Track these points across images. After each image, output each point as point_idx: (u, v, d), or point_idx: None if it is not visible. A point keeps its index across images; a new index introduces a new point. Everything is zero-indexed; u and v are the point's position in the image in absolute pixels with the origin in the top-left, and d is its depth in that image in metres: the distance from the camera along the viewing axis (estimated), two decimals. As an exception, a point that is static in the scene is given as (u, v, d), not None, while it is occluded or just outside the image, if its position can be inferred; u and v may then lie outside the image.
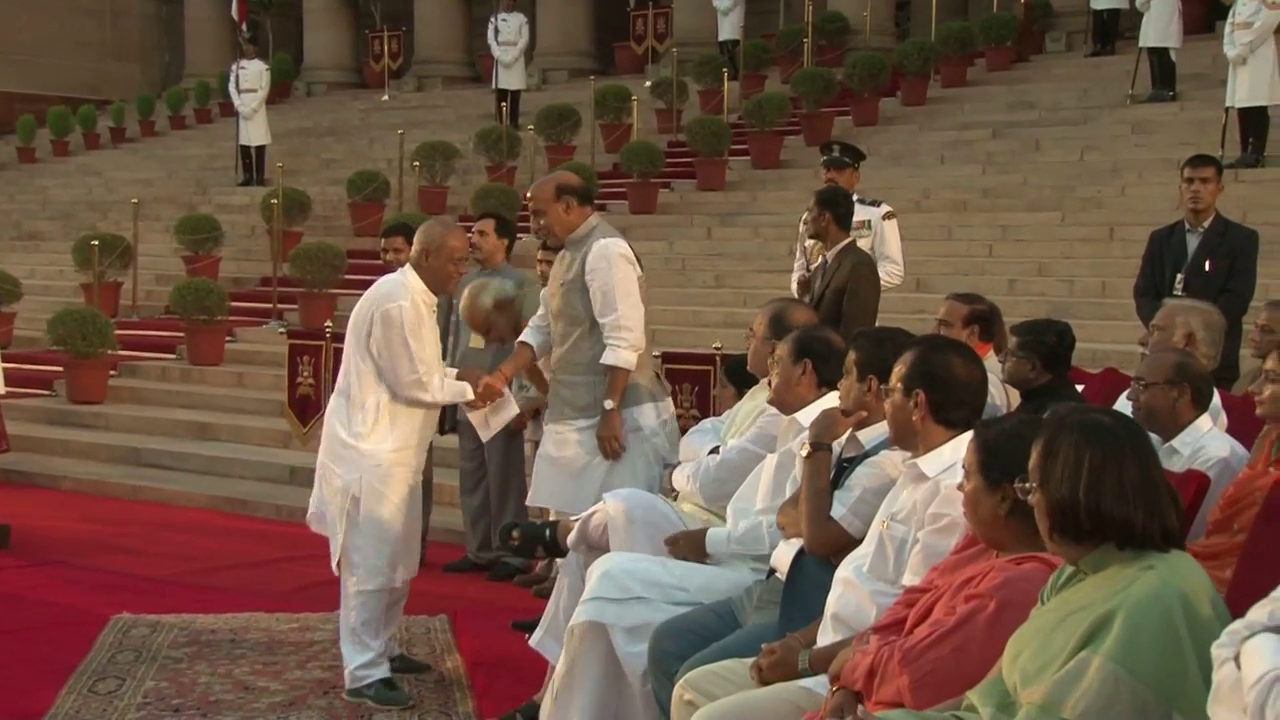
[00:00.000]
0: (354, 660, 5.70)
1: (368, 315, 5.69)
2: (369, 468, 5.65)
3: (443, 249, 5.74)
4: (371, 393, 5.67)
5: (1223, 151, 11.99)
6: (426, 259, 5.75)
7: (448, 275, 5.80)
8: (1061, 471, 2.80)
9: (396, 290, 5.69)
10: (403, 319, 5.60)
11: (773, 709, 3.56)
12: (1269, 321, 5.95)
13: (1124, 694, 2.59)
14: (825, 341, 4.76)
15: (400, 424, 5.72)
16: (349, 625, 5.72)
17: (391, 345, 5.61)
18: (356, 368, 5.71)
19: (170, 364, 13.68)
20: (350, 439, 5.68)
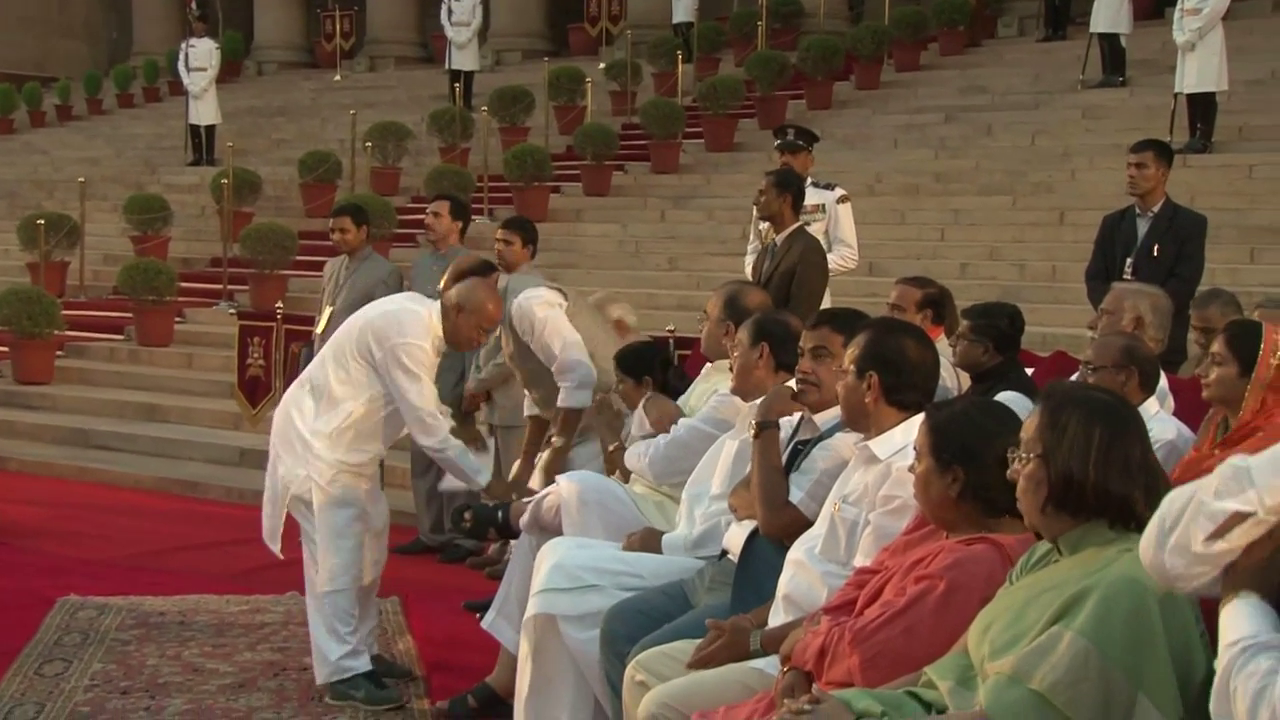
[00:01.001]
0: (334, 653, 5.51)
1: (376, 340, 5.43)
2: (319, 470, 5.47)
3: (476, 313, 5.53)
4: (350, 399, 5.47)
5: (1171, 137, 12.07)
6: (459, 314, 5.51)
7: (470, 339, 5.64)
8: (1070, 445, 2.80)
9: (417, 327, 5.46)
10: (420, 359, 5.41)
11: (724, 689, 3.57)
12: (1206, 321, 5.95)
13: (1092, 670, 2.61)
14: (784, 325, 4.76)
15: (364, 442, 5.54)
16: (324, 622, 5.54)
17: (401, 384, 5.40)
18: (344, 369, 5.47)
19: (118, 345, 13.57)
20: (307, 432, 5.49)
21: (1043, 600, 2.76)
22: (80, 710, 5.41)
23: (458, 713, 5.34)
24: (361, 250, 8.19)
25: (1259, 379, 4.30)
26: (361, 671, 5.51)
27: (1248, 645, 2.19)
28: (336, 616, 5.52)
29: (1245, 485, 2.26)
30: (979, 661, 2.83)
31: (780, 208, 7.45)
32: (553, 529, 5.13)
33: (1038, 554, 2.95)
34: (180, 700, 5.54)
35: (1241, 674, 2.16)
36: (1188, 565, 2.35)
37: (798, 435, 4.31)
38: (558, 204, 15.41)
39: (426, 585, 7.25)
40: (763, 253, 7.71)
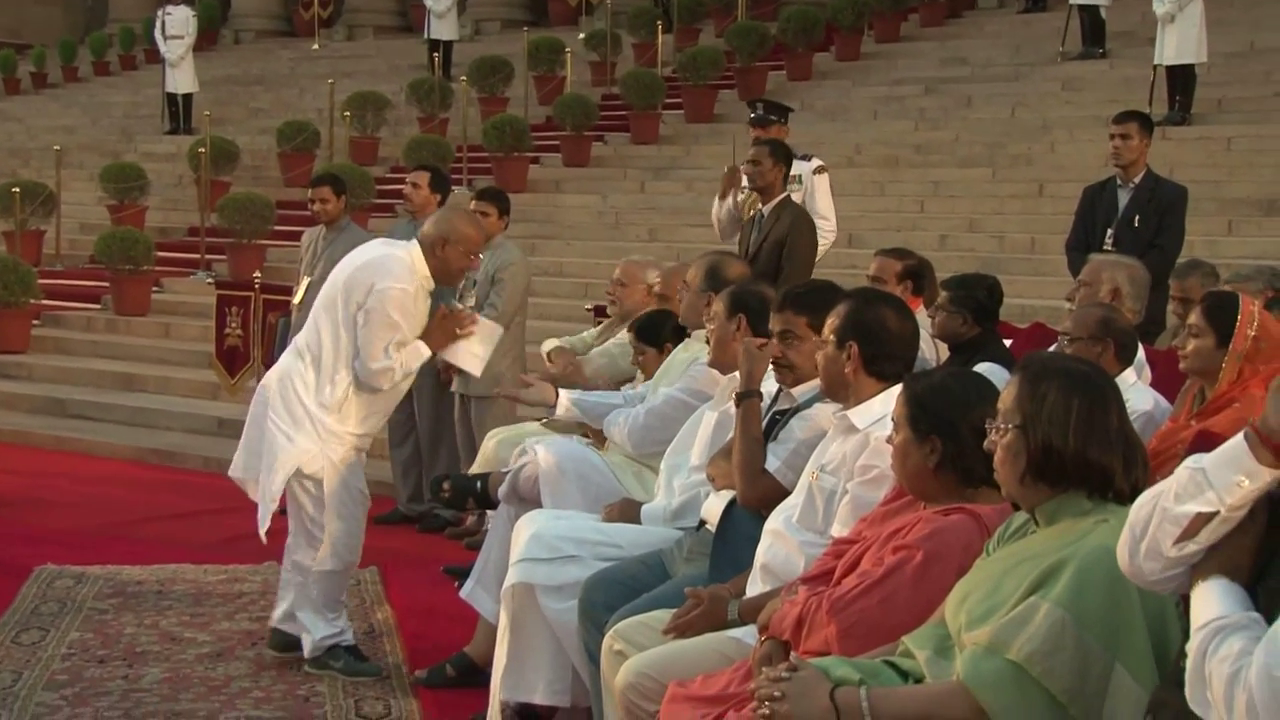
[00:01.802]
0: (317, 631, 5.42)
1: (363, 285, 5.23)
2: (333, 445, 5.32)
3: (461, 241, 5.34)
4: (345, 367, 5.29)
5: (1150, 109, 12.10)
6: (443, 248, 5.30)
7: (460, 269, 5.46)
8: (1049, 415, 2.79)
9: (401, 270, 5.25)
10: (402, 303, 5.21)
11: (702, 659, 3.57)
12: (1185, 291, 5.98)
13: (1069, 640, 2.61)
14: (760, 297, 4.75)
15: (374, 406, 5.41)
16: (311, 600, 5.41)
17: (374, 323, 5.20)
18: (332, 335, 5.28)
19: (95, 314, 13.50)
20: (314, 407, 5.29)
21: (1020, 571, 2.76)
22: (57, 679, 5.40)
23: (436, 682, 5.34)
24: (340, 220, 8.17)
25: (1235, 350, 4.31)
26: (343, 644, 5.46)
27: (1220, 626, 2.20)
28: (325, 600, 5.44)
29: (1204, 487, 2.29)
30: (956, 632, 2.83)
31: (775, 178, 7.45)
32: (531, 499, 5.14)
33: (1015, 524, 2.96)
34: (158, 669, 5.53)
35: (1215, 657, 2.17)
36: (1163, 569, 2.37)
37: (776, 405, 4.31)
38: (537, 175, 15.37)
39: (405, 555, 7.25)
40: (748, 223, 7.69)
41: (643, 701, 3.55)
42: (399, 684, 5.43)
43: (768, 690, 2.83)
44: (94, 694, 5.25)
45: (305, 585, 5.43)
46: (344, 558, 5.45)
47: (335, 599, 5.50)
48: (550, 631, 4.50)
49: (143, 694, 5.26)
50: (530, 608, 4.52)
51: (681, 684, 3.35)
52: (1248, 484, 2.27)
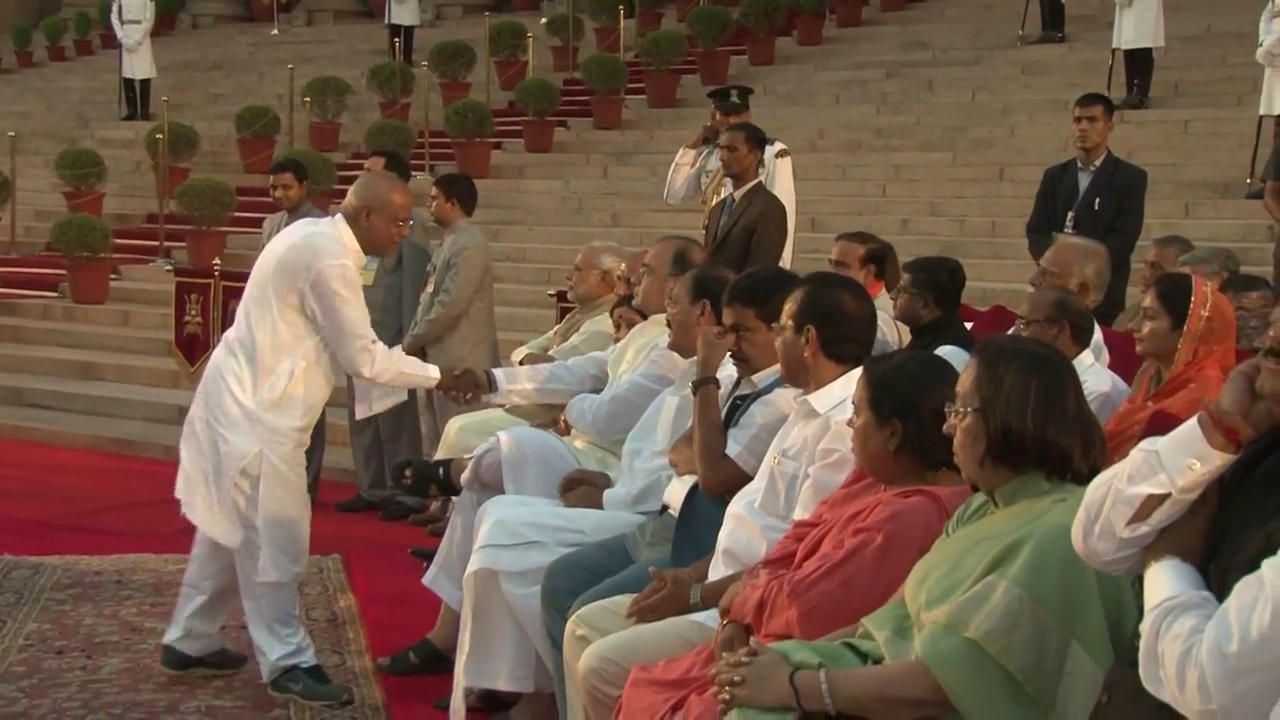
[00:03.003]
0: (273, 652, 5.08)
1: (298, 272, 4.92)
2: (273, 443, 4.96)
3: (386, 208, 5.04)
4: (287, 356, 4.94)
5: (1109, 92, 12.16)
6: (367, 218, 5.01)
7: (389, 237, 5.13)
8: (1008, 398, 2.81)
9: (332, 246, 4.95)
10: (345, 278, 4.92)
11: (664, 643, 3.58)
12: (1158, 259, 6.08)
13: (1026, 618, 2.64)
14: (723, 282, 4.76)
15: (313, 395, 5.05)
16: (261, 618, 5.08)
17: (333, 309, 4.90)
18: (269, 326, 4.94)
19: (53, 302, 13.39)
20: (254, 406, 4.93)
21: (978, 551, 2.78)
22: (15, 670, 5.36)
23: (400, 669, 5.34)
24: (302, 207, 8.12)
25: (1190, 331, 4.35)
26: (303, 665, 5.12)
27: (1172, 606, 2.23)
28: (277, 615, 5.08)
29: (1156, 469, 2.31)
30: (915, 612, 2.85)
31: (750, 163, 7.46)
32: (494, 485, 5.13)
33: (974, 506, 2.97)
34: (117, 659, 5.51)
35: (1167, 636, 2.19)
36: (1116, 549, 2.39)
37: (737, 391, 4.32)
38: (500, 160, 15.33)
39: (368, 542, 7.23)
40: (718, 207, 7.70)
41: (605, 686, 3.56)
42: (362, 671, 5.42)
43: (728, 674, 2.85)
44: (52, 685, 5.22)
45: (253, 601, 5.07)
46: (288, 568, 5.07)
47: (287, 613, 5.11)
48: (513, 618, 4.50)
49: (102, 685, 5.24)
50: (493, 594, 4.52)
51: (644, 668, 3.36)
52: (1199, 467, 2.29)
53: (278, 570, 5.02)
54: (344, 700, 5.05)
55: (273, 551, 5.00)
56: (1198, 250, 6.16)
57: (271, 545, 5.00)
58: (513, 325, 9.57)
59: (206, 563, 5.23)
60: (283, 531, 5.02)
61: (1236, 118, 11.97)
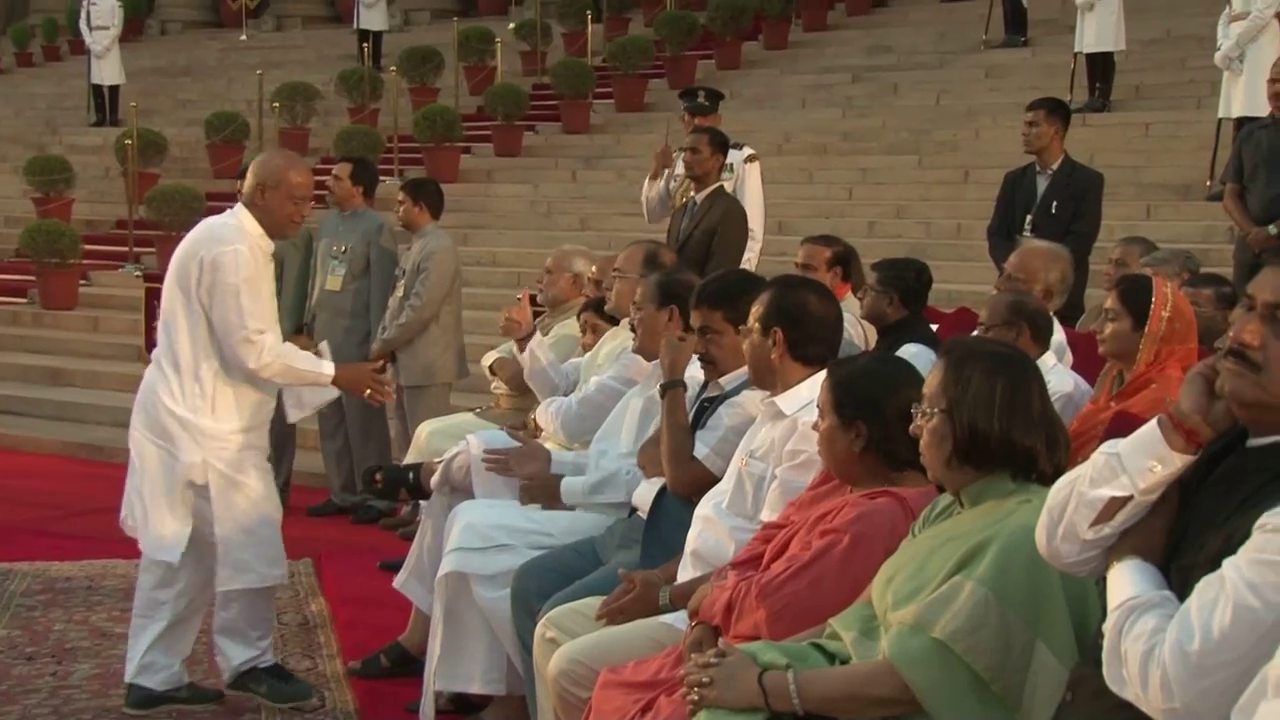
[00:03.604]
0: (236, 657, 4.95)
1: (194, 262, 4.72)
2: (215, 449, 4.75)
3: (281, 185, 4.80)
4: (205, 359, 4.73)
5: (1071, 96, 12.22)
6: (263, 196, 4.78)
7: (287, 217, 4.85)
8: (975, 399, 2.82)
9: (228, 233, 4.74)
10: (237, 264, 4.66)
11: (633, 644, 3.58)
12: (1123, 256, 6.11)
13: (992, 618, 2.64)
14: (689, 286, 4.76)
15: (247, 394, 4.80)
16: (229, 621, 4.91)
17: (219, 295, 4.66)
18: (187, 328, 4.73)
19: (21, 308, 13.31)
20: (185, 412, 4.72)
21: (944, 551, 2.79)
22: (-15, 677, 5.33)
23: (370, 672, 5.32)
24: None
25: (1151, 332, 4.37)
26: (261, 665, 4.98)
27: (1134, 606, 2.23)
28: (250, 620, 4.89)
29: (1118, 472, 2.33)
30: (882, 612, 2.85)
31: (713, 166, 7.49)
32: (463, 489, 5.12)
33: (940, 506, 2.98)
34: (88, 665, 5.47)
35: (1129, 635, 2.20)
36: (1080, 551, 2.41)
37: (704, 393, 4.32)
38: (469, 165, 15.30)
39: (339, 546, 7.21)
40: (679, 210, 7.71)
41: (575, 688, 3.56)
42: (334, 675, 5.40)
43: (697, 676, 2.85)
44: (22, 691, 5.18)
45: (225, 610, 4.89)
46: (261, 572, 4.85)
47: (263, 618, 4.94)
48: (484, 621, 4.49)
49: (72, 691, 5.20)
50: (464, 597, 4.51)
51: (613, 670, 3.36)
52: (1160, 469, 2.30)
53: (250, 576, 4.83)
54: (314, 705, 4.93)
55: (240, 558, 4.80)
56: (1159, 252, 6.20)
57: (239, 552, 4.80)
58: (481, 328, 9.55)
59: (159, 588, 4.95)
60: (247, 538, 4.80)
61: (1196, 120, 12.05)
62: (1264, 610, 2.06)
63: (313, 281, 7.82)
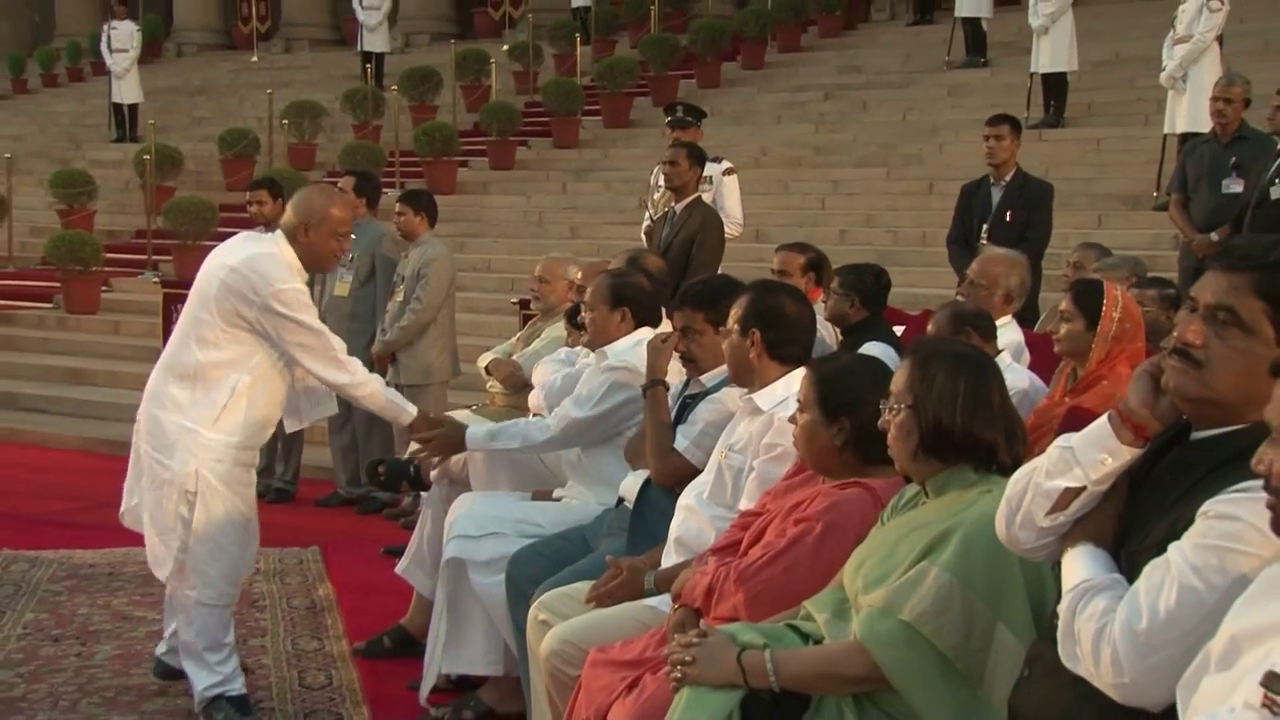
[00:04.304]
0: (200, 682, 4.57)
1: (240, 298, 4.41)
2: (209, 461, 4.45)
3: (325, 222, 4.53)
4: (231, 371, 4.45)
5: (1028, 113, 12.27)
6: (306, 234, 4.52)
7: (330, 253, 4.61)
8: (939, 395, 2.82)
9: (281, 272, 4.44)
10: (297, 299, 4.43)
11: (620, 626, 3.58)
12: (1080, 260, 6.13)
13: (956, 601, 2.65)
14: (639, 289, 4.78)
15: (256, 413, 4.52)
16: (189, 644, 4.56)
17: (291, 332, 4.42)
18: (215, 344, 4.45)
19: (47, 312, 13.24)
20: (189, 423, 4.44)
21: (911, 539, 2.79)
22: (14, 658, 5.30)
23: (374, 653, 5.31)
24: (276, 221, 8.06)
25: (1103, 332, 4.38)
26: (228, 694, 4.59)
27: (1087, 588, 2.24)
28: (207, 642, 4.54)
29: (1072, 464, 2.33)
30: (853, 595, 2.85)
31: (690, 179, 7.51)
32: (461, 480, 5.12)
33: (907, 496, 2.98)
34: (110, 646, 5.45)
35: (1082, 616, 2.20)
36: (1037, 538, 2.41)
37: (687, 391, 4.33)
38: (465, 177, 15.28)
39: (344, 535, 7.19)
40: (660, 220, 7.72)
41: (566, 667, 3.55)
42: (340, 655, 5.39)
43: (680, 655, 2.85)
44: (49, 671, 5.16)
45: (184, 627, 4.58)
46: (221, 589, 4.54)
47: (217, 640, 4.57)
48: (483, 606, 4.48)
49: (96, 670, 5.19)
50: (464, 584, 4.51)
51: (602, 650, 3.35)
52: (1111, 462, 2.31)
53: (210, 590, 4.51)
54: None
55: (205, 571, 4.50)
56: (1110, 258, 6.22)
57: (205, 564, 4.50)
58: (477, 331, 9.54)
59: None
60: (217, 552, 4.50)
61: (1144, 136, 12.07)
62: (1207, 591, 2.06)
63: (319, 289, 7.79)
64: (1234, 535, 2.07)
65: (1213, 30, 10.59)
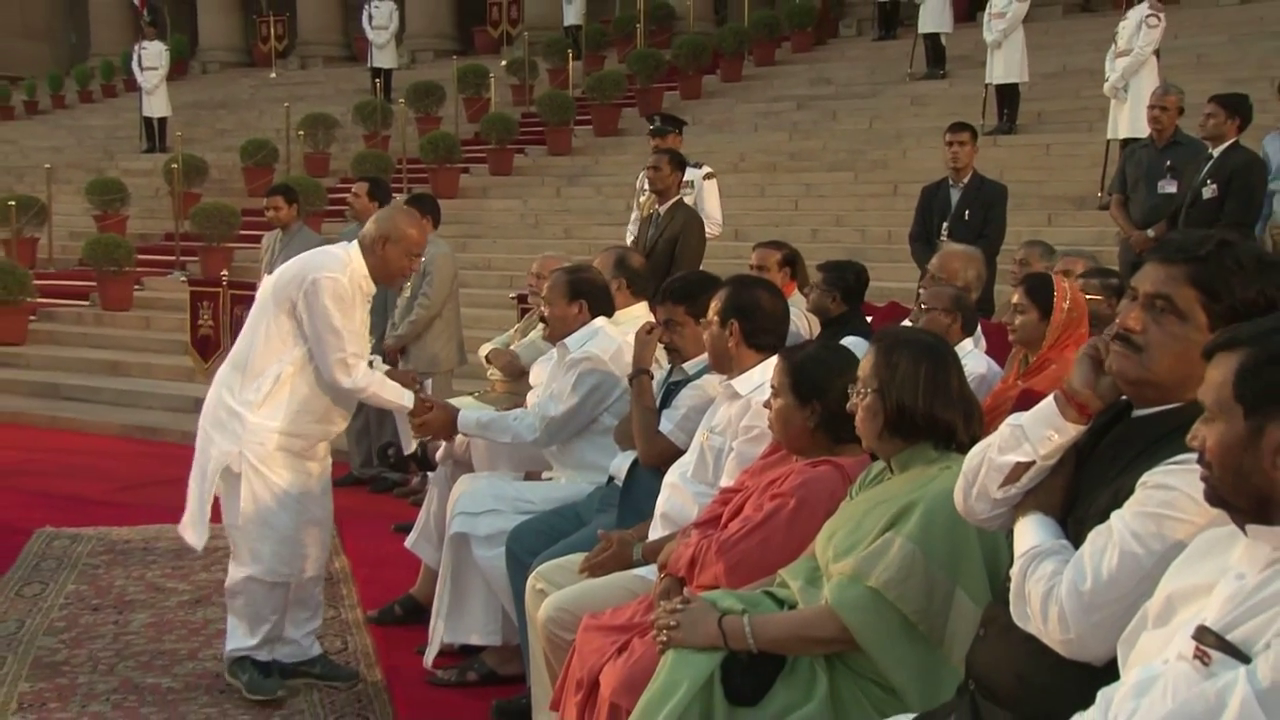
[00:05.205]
0: (233, 641, 4.53)
1: (293, 281, 4.36)
2: (251, 443, 4.35)
3: (403, 240, 4.43)
4: (275, 360, 4.36)
5: (983, 121, 12.26)
6: (384, 247, 4.42)
7: (401, 269, 4.50)
8: (902, 380, 2.82)
9: (333, 263, 4.38)
10: (336, 291, 4.31)
11: (611, 594, 3.57)
12: (1026, 256, 6.13)
13: (919, 569, 2.65)
14: (594, 282, 4.78)
15: (298, 402, 4.38)
16: (235, 611, 4.52)
17: (317, 318, 4.31)
18: (265, 332, 4.39)
19: (84, 310, 13.20)
20: (238, 406, 4.37)
21: (877, 511, 2.79)
22: (57, 625, 5.30)
23: (385, 620, 5.31)
24: (294, 225, 8.05)
25: (1055, 322, 4.39)
26: (255, 658, 4.52)
27: (1036, 553, 2.24)
28: (252, 612, 4.46)
29: (1022, 441, 2.33)
30: (824, 564, 2.86)
31: (672, 182, 7.50)
32: (464, 462, 5.11)
33: (874, 472, 2.98)
34: (144, 615, 5.44)
35: (1032, 579, 2.21)
36: (991, 509, 2.41)
37: (671, 378, 4.33)
38: (466, 183, 15.23)
39: (358, 512, 7.17)
40: (645, 221, 7.70)
41: (561, 632, 3.55)
42: (354, 622, 5.39)
43: (665, 620, 2.85)
44: (89, 638, 5.16)
45: (232, 595, 4.51)
46: (273, 567, 4.42)
47: (263, 615, 4.47)
48: (483, 581, 4.47)
49: (132, 636, 5.18)
50: (466, 559, 4.50)
51: (594, 616, 3.35)
52: (1057, 438, 2.31)
53: (261, 566, 4.41)
54: (276, 697, 4.44)
55: (257, 548, 4.40)
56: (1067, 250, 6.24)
57: (255, 541, 4.40)
58: (479, 324, 9.52)
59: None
60: (265, 530, 4.40)
61: (1089, 141, 12.07)
62: (1145, 555, 2.07)
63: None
64: (1170, 504, 2.07)
65: (1151, 45, 10.61)
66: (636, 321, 4.95)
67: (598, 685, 3.05)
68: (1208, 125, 7.30)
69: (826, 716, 2.70)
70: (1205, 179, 7.19)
